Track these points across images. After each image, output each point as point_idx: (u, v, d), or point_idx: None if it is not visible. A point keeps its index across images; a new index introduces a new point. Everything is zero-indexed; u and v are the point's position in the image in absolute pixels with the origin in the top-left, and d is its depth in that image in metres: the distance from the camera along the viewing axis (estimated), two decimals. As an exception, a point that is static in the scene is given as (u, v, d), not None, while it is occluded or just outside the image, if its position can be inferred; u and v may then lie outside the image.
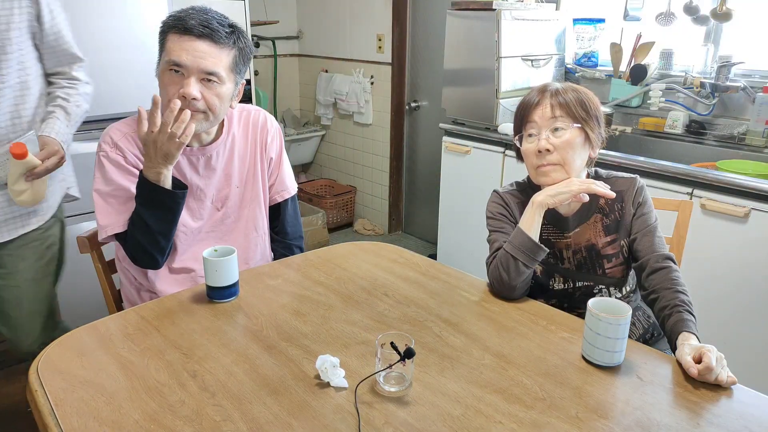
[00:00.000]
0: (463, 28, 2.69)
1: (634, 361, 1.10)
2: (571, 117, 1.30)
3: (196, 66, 1.30)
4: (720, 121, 2.40)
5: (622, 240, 1.37)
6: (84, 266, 1.83)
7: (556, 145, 1.30)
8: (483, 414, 0.95)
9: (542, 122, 1.31)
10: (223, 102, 1.37)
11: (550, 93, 1.32)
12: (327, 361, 1.02)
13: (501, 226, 1.43)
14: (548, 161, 1.31)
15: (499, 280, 1.33)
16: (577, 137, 1.30)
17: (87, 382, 1.02)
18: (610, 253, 1.38)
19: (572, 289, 1.41)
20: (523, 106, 1.36)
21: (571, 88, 1.34)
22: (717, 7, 2.36)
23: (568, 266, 1.40)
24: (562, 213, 1.39)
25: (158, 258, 1.43)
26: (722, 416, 0.96)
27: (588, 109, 1.32)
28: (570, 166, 1.31)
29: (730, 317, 1.97)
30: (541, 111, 1.32)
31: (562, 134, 1.30)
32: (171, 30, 1.32)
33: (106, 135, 1.41)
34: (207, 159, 1.48)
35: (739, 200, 1.90)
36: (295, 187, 1.69)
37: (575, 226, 1.39)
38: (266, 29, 4.04)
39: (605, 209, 1.38)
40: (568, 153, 1.30)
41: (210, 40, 1.31)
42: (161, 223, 1.38)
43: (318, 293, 1.36)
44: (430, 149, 3.65)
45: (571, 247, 1.39)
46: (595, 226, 1.38)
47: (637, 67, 2.54)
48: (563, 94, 1.31)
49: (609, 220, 1.38)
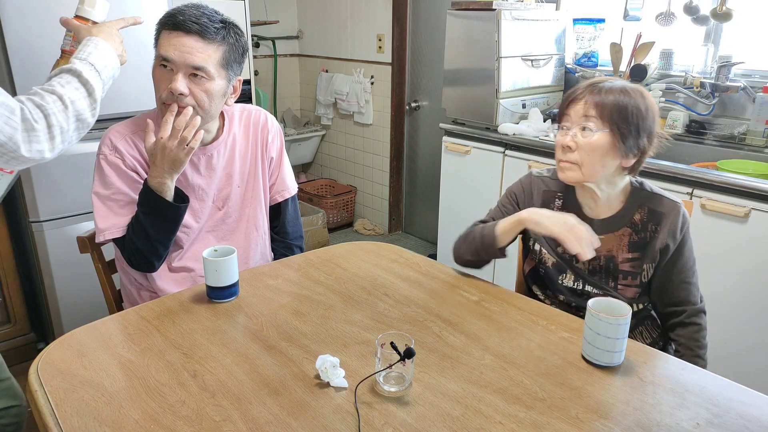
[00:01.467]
0: (463, 28, 2.69)
1: (634, 361, 1.10)
2: (603, 120, 1.24)
3: (183, 61, 1.30)
4: (720, 121, 2.40)
5: (645, 263, 1.33)
6: (84, 266, 1.83)
7: (579, 144, 1.26)
8: (483, 414, 0.95)
9: (575, 118, 1.28)
10: (213, 98, 1.37)
11: (592, 90, 1.27)
12: (327, 361, 1.02)
13: (503, 207, 1.47)
14: (568, 158, 1.29)
15: (456, 248, 1.46)
16: (604, 142, 1.25)
17: (87, 382, 1.02)
18: (627, 270, 1.34)
19: (581, 291, 1.39)
20: (565, 98, 1.32)
21: (620, 90, 1.25)
22: (717, 7, 2.36)
23: (582, 266, 1.38)
24: (587, 213, 1.37)
25: (155, 263, 1.44)
26: (722, 416, 0.96)
27: (628, 116, 1.24)
28: (589, 169, 1.27)
29: (730, 317, 1.97)
30: (576, 107, 1.28)
31: (589, 135, 1.25)
32: (164, 26, 1.34)
33: (106, 137, 1.41)
34: (208, 158, 1.48)
35: (739, 200, 1.90)
36: (296, 187, 1.69)
37: (600, 232, 1.33)
38: (266, 29, 4.04)
39: (637, 225, 1.33)
40: (589, 156, 1.26)
41: (199, 36, 1.31)
42: (160, 232, 1.39)
43: (318, 293, 1.36)
44: (430, 149, 3.65)
45: None
46: (620, 240, 1.34)
47: (637, 67, 2.54)
48: (605, 95, 1.25)
49: (637, 237, 1.33)
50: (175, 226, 1.41)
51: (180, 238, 1.49)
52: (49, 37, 1.44)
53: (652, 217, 1.32)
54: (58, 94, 1.10)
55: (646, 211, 1.33)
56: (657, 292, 1.36)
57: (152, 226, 1.37)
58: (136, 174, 1.41)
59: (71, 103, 1.12)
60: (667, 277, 1.34)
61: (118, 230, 1.40)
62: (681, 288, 1.34)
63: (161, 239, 1.40)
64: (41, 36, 2.04)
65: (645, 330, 1.42)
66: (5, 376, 1.47)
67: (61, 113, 1.10)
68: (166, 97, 1.32)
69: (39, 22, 2.04)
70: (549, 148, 2.39)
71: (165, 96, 1.32)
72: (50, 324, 2.38)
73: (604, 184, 1.32)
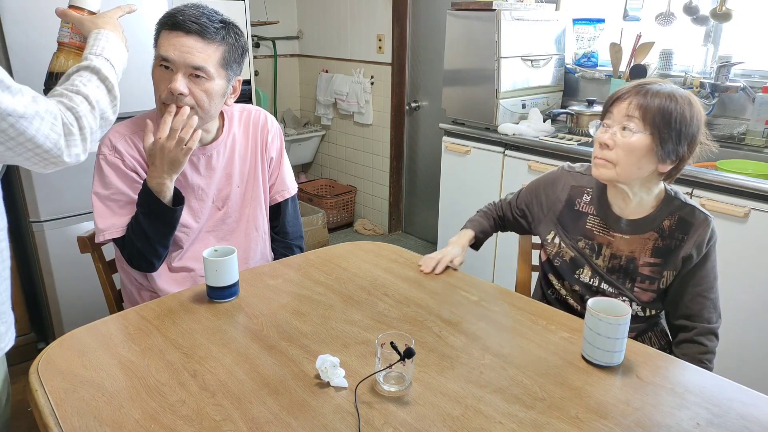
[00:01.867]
0: (463, 28, 2.69)
1: (634, 361, 1.10)
2: (645, 122, 1.22)
3: (183, 61, 1.30)
4: (720, 121, 2.40)
5: (666, 270, 1.32)
6: (84, 266, 1.83)
7: (618, 143, 1.25)
8: (483, 414, 0.95)
9: (617, 117, 1.26)
10: (212, 98, 1.37)
11: (638, 91, 1.24)
12: (327, 361, 1.02)
13: (525, 199, 1.53)
14: (604, 156, 1.27)
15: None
16: (642, 144, 1.23)
17: (87, 382, 1.02)
18: (645, 274, 1.33)
19: (597, 288, 1.38)
20: (611, 96, 1.30)
21: (667, 94, 1.23)
22: (717, 7, 2.36)
23: (601, 264, 1.38)
24: (616, 212, 1.36)
25: (155, 263, 1.44)
26: (722, 416, 0.96)
27: (671, 121, 1.21)
28: (624, 169, 1.25)
29: (730, 317, 1.95)
30: (621, 106, 1.26)
31: (628, 136, 1.24)
32: (164, 26, 1.34)
33: (105, 138, 1.41)
34: (208, 158, 1.48)
35: (739, 200, 1.90)
36: (296, 187, 1.69)
37: (626, 232, 1.34)
38: (266, 29, 4.04)
39: (665, 232, 1.31)
40: (626, 156, 1.24)
41: (198, 36, 1.31)
42: (158, 233, 1.39)
43: (318, 293, 1.36)
44: (430, 149, 3.65)
45: (611, 248, 1.36)
46: (645, 243, 1.33)
47: (637, 67, 2.54)
48: (650, 97, 1.23)
49: (662, 243, 1.32)
50: (172, 228, 1.41)
51: (179, 237, 1.49)
52: (50, 36, 1.43)
53: (681, 225, 1.30)
54: (84, 94, 1.07)
55: (676, 219, 1.31)
56: (672, 300, 1.35)
57: (150, 227, 1.37)
58: (136, 174, 1.41)
59: (96, 102, 1.09)
60: (683, 286, 1.32)
61: (118, 230, 1.40)
62: (696, 301, 1.31)
63: (160, 240, 1.40)
64: (41, 35, 2.03)
65: (654, 336, 1.41)
66: None
67: (90, 114, 1.07)
68: (166, 97, 1.32)
69: (39, 21, 2.04)
70: (549, 149, 2.39)
71: (165, 96, 1.32)
72: (50, 324, 2.38)
73: (638, 187, 1.30)
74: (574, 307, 1.43)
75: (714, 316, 1.32)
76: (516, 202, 1.58)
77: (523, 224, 1.57)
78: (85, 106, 1.07)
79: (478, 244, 1.61)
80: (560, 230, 1.44)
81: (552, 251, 1.45)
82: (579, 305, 1.41)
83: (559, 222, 1.44)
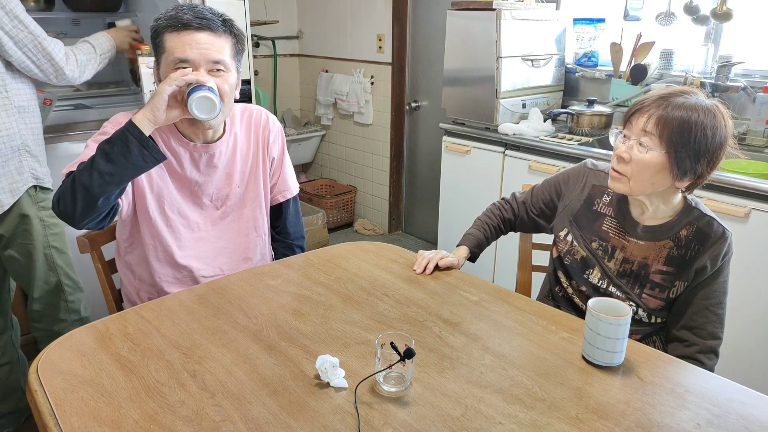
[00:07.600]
0: (463, 28, 2.69)
1: (635, 361, 1.10)
2: (661, 139, 1.19)
3: (203, 57, 1.30)
4: (720, 121, 2.40)
5: (678, 280, 1.30)
6: (84, 266, 1.83)
7: (633, 158, 1.22)
8: (483, 414, 0.95)
9: (636, 130, 1.23)
10: (233, 91, 1.38)
11: (660, 104, 1.20)
12: (327, 361, 1.02)
13: (543, 197, 1.52)
14: (619, 168, 1.26)
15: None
16: (656, 162, 1.20)
17: (87, 382, 1.02)
18: (656, 282, 1.32)
19: (605, 290, 1.37)
20: (633, 104, 1.27)
21: (691, 107, 1.18)
22: (717, 7, 2.36)
23: (612, 266, 1.36)
24: (634, 217, 1.34)
25: (77, 212, 1.26)
26: (722, 416, 0.96)
27: (690, 138, 1.17)
28: (638, 184, 1.24)
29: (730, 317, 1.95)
30: (640, 119, 1.22)
31: (642, 152, 1.21)
32: (166, 29, 1.31)
33: (111, 119, 1.40)
34: (209, 157, 1.48)
35: (739, 200, 1.90)
36: (297, 187, 1.69)
37: (641, 238, 1.33)
38: (266, 29, 4.04)
39: (681, 241, 1.29)
40: (640, 172, 1.22)
41: (209, 30, 1.31)
42: (110, 174, 1.23)
43: (318, 293, 1.36)
44: (430, 149, 3.65)
45: (624, 252, 1.35)
46: (660, 250, 1.31)
47: (638, 67, 2.54)
48: (671, 110, 1.18)
49: (677, 253, 1.29)
50: (125, 171, 1.25)
51: (177, 235, 1.49)
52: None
53: (698, 236, 1.28)
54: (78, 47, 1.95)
55: (694, 230, 1.29)
56: (677, 310, 1.33)
57: (107, 163, 1.23)
58: None
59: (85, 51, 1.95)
60: (691, 298, 1.31)
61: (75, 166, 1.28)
62: (702, 314, 1.29)
63: (102, 185, 1.23)
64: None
65: (659, 341, 1.40)
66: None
67: (80, 53, 1.91)
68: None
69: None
70: (549, 149, 2.39)
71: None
72: (50, 324, 2.37)
73: (656, 198, 1.29)
74: (580, 306, 1.42)
75: (718, 332, 1.30)
76: (531, 201, 1.56)
77: (540, 223, 1.55)
78: (78, 50, 1.90)
79: (473, 258, 1.59)
80: (575, 228, 1.43)
81: (564, 249, 1.44)
82: (584, 305, 1.41)
83: (575, 220, 1.43)
